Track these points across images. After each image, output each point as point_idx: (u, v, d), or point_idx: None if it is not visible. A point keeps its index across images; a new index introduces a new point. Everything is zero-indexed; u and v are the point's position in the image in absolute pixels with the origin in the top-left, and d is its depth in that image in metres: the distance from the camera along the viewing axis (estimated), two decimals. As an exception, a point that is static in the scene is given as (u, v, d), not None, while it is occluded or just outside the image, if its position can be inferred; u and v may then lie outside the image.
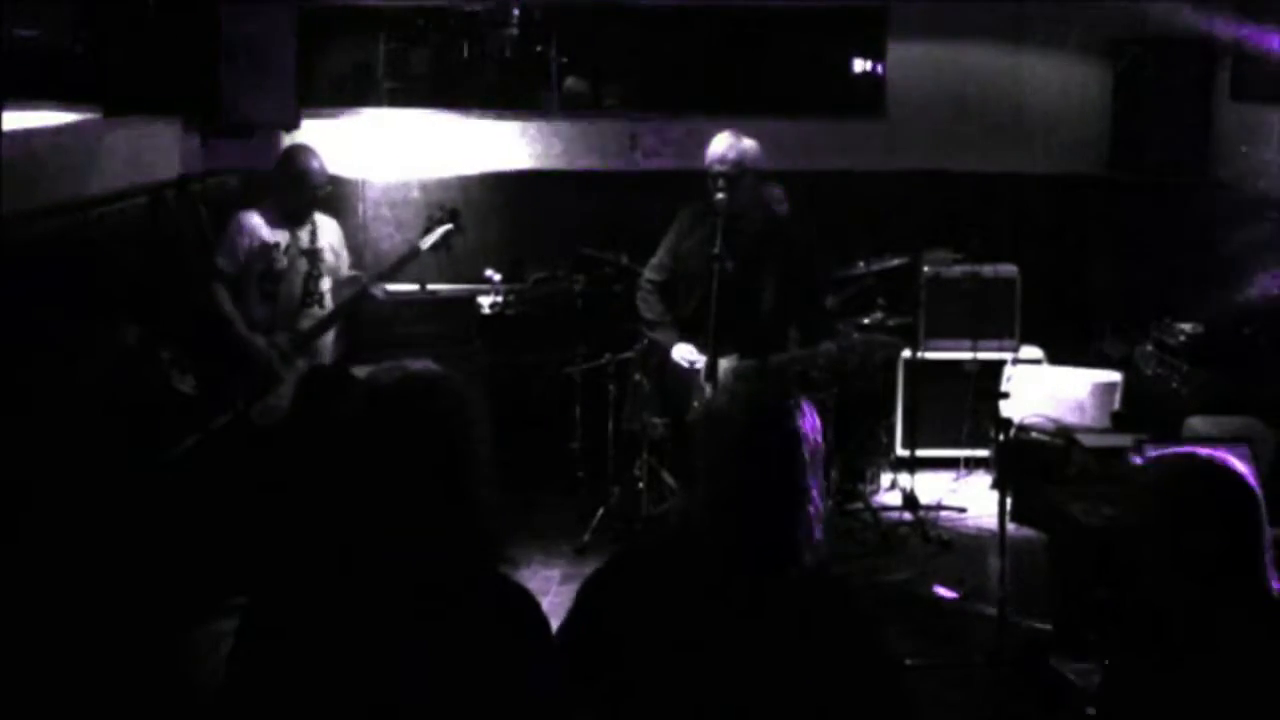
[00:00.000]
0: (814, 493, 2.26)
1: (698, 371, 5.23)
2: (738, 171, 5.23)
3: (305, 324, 5.63)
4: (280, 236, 5.58)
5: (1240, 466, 2.41)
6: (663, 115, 7.42)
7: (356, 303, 5.69)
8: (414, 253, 5.77)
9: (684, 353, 5.30)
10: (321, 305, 5.70)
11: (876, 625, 2.31)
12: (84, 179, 5.32)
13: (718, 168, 5.23)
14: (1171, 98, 7.00)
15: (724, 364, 5.19)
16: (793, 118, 7.36)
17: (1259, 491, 2.40)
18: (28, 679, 3.80)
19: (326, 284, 5.75)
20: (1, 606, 3.89)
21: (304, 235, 5.65)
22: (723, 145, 5.26)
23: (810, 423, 2.29)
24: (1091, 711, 3.63)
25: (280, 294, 5.58)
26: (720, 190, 5.21)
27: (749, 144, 5.29)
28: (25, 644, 3.87)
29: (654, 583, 2.26)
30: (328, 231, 5.77)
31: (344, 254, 5.86)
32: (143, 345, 5.33)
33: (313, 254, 5.66)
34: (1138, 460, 4.09)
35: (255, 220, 5.57)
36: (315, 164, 5.62)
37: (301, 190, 5.61)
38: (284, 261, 5.58)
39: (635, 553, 2.50)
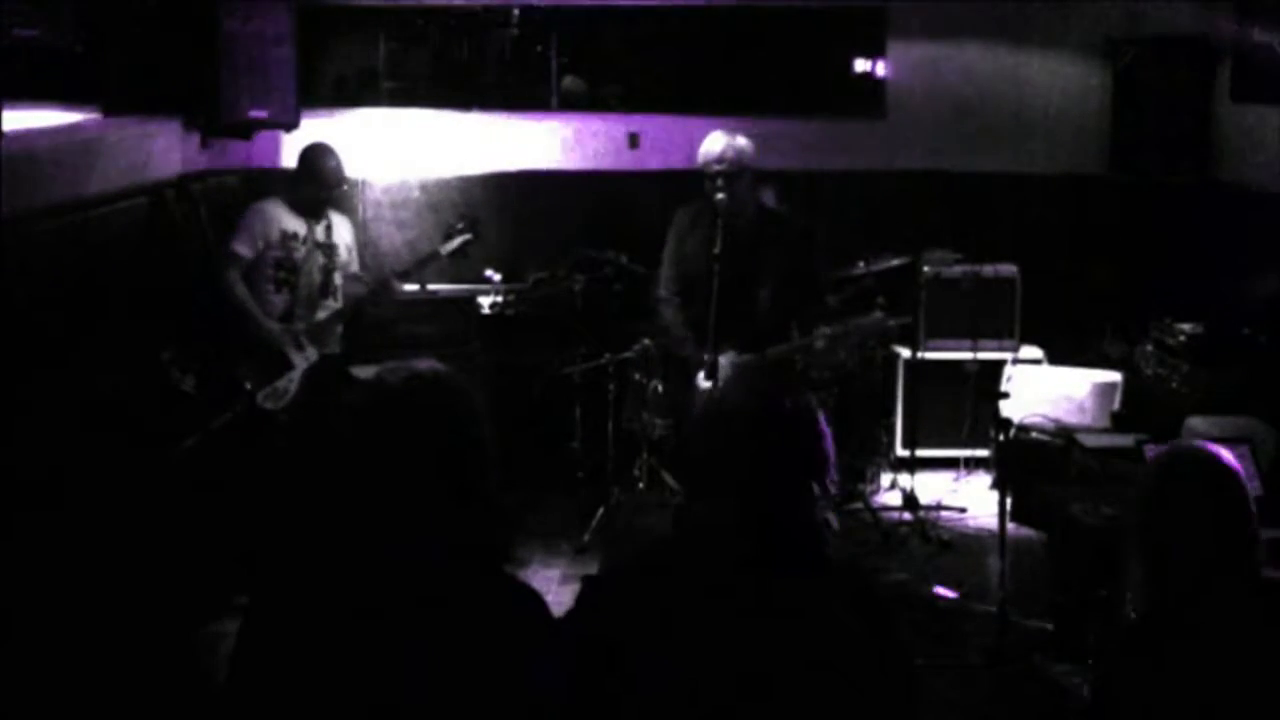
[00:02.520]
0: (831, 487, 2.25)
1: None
2: (736, 169, 5.22)
3: (321, 315, 5.78)
4: (298, 227, 5.74)
5: (1229, 457, 2.42)
6: (663, 115, 7.42)
7: (375, 296, 5.91)
8: (434, 256, 6.00)
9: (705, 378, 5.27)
10: (335, 299, 5.86)
11: (896, 621, 2.27)
12: (84, 179, 5.31)
13: (716, 166, 5.22)
14: (1171, 98, 7.00)
15: (723, 360, 5.19)
16: (793, 118, 7.35)
17: (1248, 484, 2.41)
18: (33, 679, 3.80)
19: (339, 279, 5.90)
20: (5, 607, 3.89)
21: (319, 229, 5.81)
22: (719, 145, 5.25)
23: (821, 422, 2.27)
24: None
25: (300, 284, 5.73)
26: (719, 189, 5.21)
27: (744, 142, 5.29)
28: (29, 645, 3.87)
29: (660, 584, 2.24)
30: (342, 229, 5.95)
31: (355, 254, 6.04)
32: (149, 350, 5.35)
33: (328, 248, 5.83)
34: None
35: (274, 209, 5.73)
36: (331, 163, 5.81)
37: (315, 187, 5.79)
38: (302, 251, 5.74)
39: (637, 556, 2.48)
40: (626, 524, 5.93)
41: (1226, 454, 2.43)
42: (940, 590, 5.47)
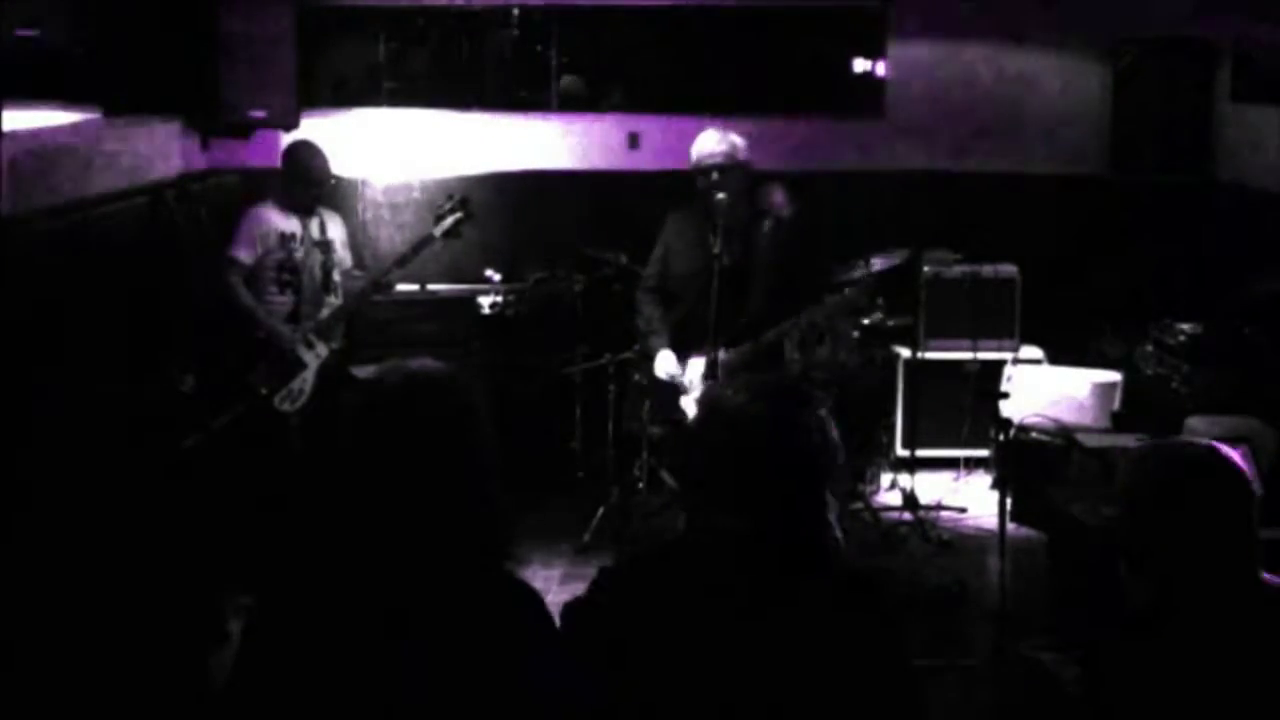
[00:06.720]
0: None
1: (678, 381, 5.28)
2: (730, 164, 5.24)
3: (325, 313, 5.82)
4: (294, 227, 5.78)
5: (1234, 456, 2.41)
6: (663, 115, 7.42)
7: (374, 289, 5.92)
8: (428, 239, 5.96)
9: (664, 366, 5.32)
10: (336, 295, 5.89)
11: (899, 627, 2.26)
12: (84, 179, 5.32)
13: (708, 162, 5.24)
14: (1171, 98, 7.00)
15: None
16: (793, 118, 7.35)
17: (1255, 483, 2.40)
18: (32, 679, 3.80)
19: (338, 276, 5.93)
20: (4, 606, 3.89)
21: (314, 227, 5.85)
22: (711, 141, 5.28)
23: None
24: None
25: (303, 284, 5.79)
26: (714, 185, 5.22)
27: (736, 138, 5.31)
28: (30, 648, 3.87)
29: (664, 587, 2.23)
30: (334, 226, 5.98)
31: (349, 250, 6.07)
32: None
33: (324, 245, 5.87)
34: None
35: (267, 212, 5.77)
36: (317, 160, 5.83)
37: (305, 185, 5.81)
38: (301, 251, 5.78)
39: (640, 559, 2.46)
40: (627, 525, 5.93)
41: (1232, 452, 2.42)
42: (940, 588, 5.46)
